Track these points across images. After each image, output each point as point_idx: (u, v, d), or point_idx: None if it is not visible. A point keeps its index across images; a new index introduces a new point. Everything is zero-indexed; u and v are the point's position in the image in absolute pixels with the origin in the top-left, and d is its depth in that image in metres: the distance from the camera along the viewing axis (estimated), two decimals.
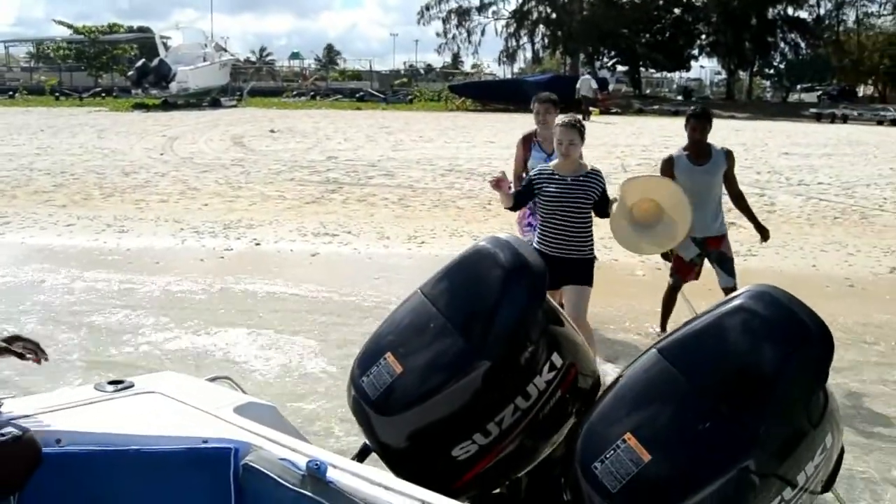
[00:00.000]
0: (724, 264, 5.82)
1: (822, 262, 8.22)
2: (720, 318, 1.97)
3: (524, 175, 5.46)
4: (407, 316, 2.34)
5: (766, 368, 1.89)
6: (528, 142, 5.74)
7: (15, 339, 2.26)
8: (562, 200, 4.53)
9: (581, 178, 4.53)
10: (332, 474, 1.78)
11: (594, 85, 28.24)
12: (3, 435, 1.92)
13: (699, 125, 5.59)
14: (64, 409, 2.09)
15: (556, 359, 2.23)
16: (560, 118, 4.84)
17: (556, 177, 4.53)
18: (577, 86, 27.02)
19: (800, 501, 1.87)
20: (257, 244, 9.40)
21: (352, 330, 5.91)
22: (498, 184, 4.49)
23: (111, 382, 2.33)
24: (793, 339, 1.92)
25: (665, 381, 1.92)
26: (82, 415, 2.07)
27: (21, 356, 2.21)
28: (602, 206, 4.57)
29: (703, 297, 5.34)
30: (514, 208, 4.88)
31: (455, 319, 2.21)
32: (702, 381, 1.89)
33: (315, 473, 1.78)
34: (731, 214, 10.64)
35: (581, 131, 4.69)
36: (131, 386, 2.31)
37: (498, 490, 2.42)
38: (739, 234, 9.77)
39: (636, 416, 1.90)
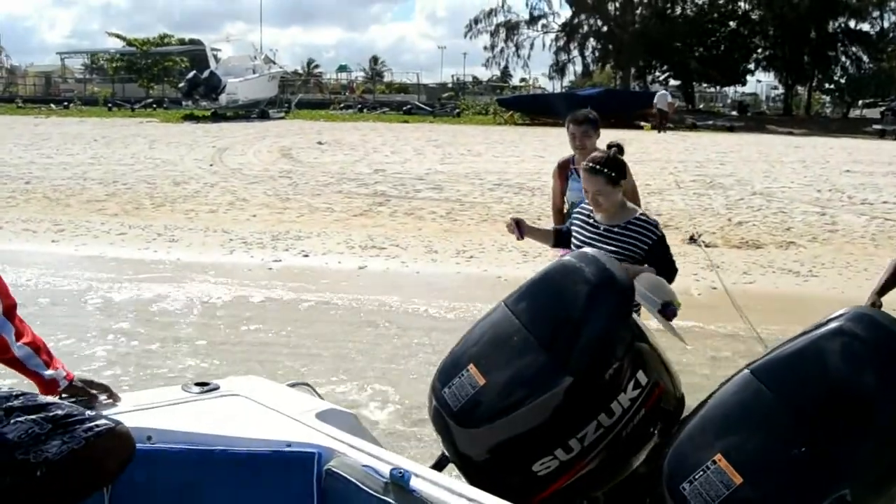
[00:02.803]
0: None
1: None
2: (817, 341, 1.91)
3: (564, 210, 4.78)
4: (490, 328, 2.33)
5: (865, 393, 1.83)
6: (564, 170, 4.81)
7: (89, 383, 2.29)
8: None
9: (617, 230, 3.39)
10: (414, 483, 1.79)
11: (670, 99, 29.96)
12: (97, 426, 1.91)
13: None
14: (153, 407, 2.15)
15: (641, 377, 2.21)
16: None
17: (591, 222, 3.54)
18: (655, 100, 29.08)
19: None
20: (305, 256, 9.37)
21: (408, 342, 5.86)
22: (513, 230, 3.74)
23: (197, 384, 2.38)
24: (894, 363, 1.87)
25: (759, 403, 1.89)
26: (171, 414, 2.13)
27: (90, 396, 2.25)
28: (661, 269, 3.27)
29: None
30: (558, 246, 3.94)
31: (539, 333, 2.20)
32: (797, 405, 1.84)
33: (398, 481, 1.79)
34: (790, 233, 10.40)
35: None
36: (217, 388, 2.36)
37: None
38: (800, 254, 9.50)
39: (727, 438, 1.86)
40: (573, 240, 3.63)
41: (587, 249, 2.55)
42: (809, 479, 1.75)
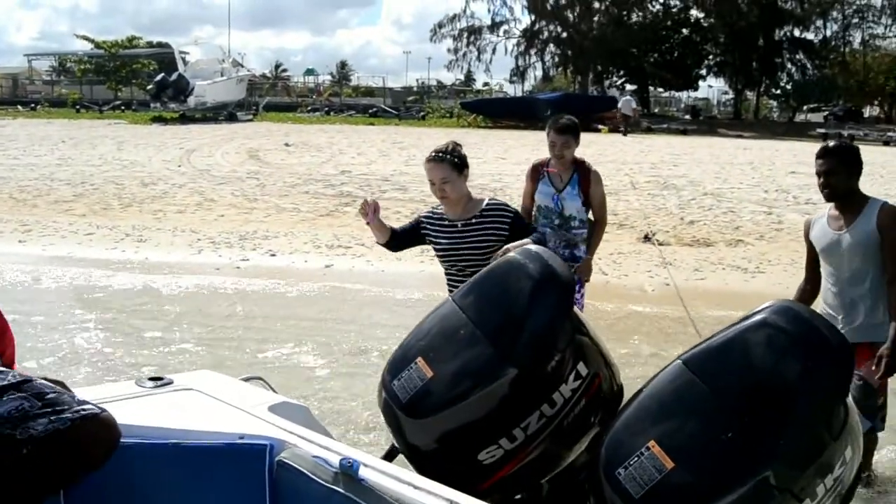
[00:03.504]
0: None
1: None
2: (744, 333, 2.00)
3: (534, 213, 4.73)
4: (438, 323, 2.39)
5: (788, 382, 1.93)
6: (536, 172, 4.74)
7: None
8: (450, 253, 3.65)
9: (475, 221, 3.56)
10: (363, 473, 1.82)
11: (634, 105, 31.54)
12: (84, 410, 1.93)
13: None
14: (106, 402, 2.10)
15: (582, 368, 2.27)
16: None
17: (445, 222, 3.60)
18: (620, 105, 30.67)
19: None
20: (272, 255, 9.64)
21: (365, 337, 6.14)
22: (366, 211, 3.62)
23: (151, 379, 2.39)
24: (815, 353, 1.97)
25: (689, 392, 1.97)
26: (123, 408, 2.08)
27: None
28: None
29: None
30: (392, 248, 3.82)
31: (485, 327, 2.26)
32: (725, 393, 1.93)
33: (347, 471, 1.82)
34: (739, 231, 10.91)
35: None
36: (170, 383, 2.38)
37: (519, 496, 2.47)
38: (748, 251, 10.01)
39: (660, 425, 1.94)
40: (435, 248, 3.59)
41: (531, 246, 2.62)
42: (736, 463, 1.83)
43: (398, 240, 3.76)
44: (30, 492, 1.91)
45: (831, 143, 3.71)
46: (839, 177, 3.54)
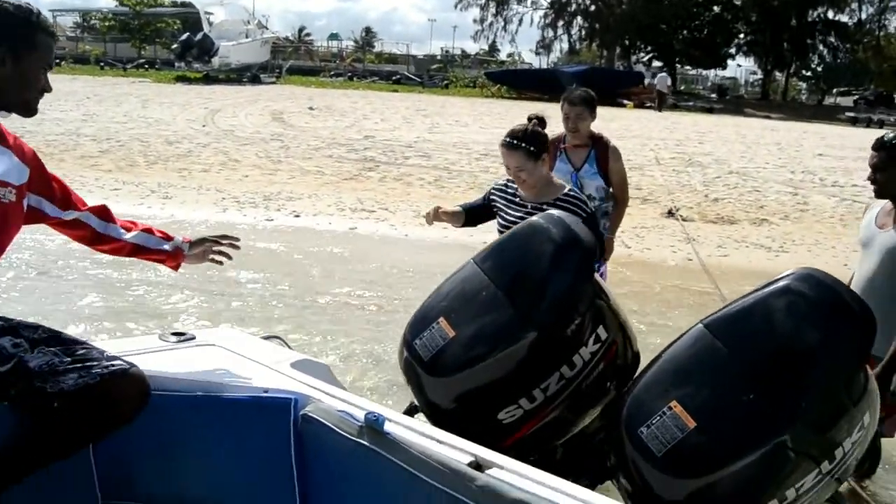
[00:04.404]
0: None
1: (854, 262, 8.07)
2: (766, 298, 2.01)
3: None
4: (460, 284, 2.40)
5: (809, 346, 1.95)
6: (553, 148, 4.31)
7: (201, 241, 2.46)
8: None
9: (546, 207, 3.22)
10: (388, 427, 1.84)
11: (669, 82, 32.98)
12: (113, 366, 1.98)
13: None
14: (131, 355, 2.14)
15: (602, 332, 2.30)
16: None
17: (517, 200, 3.43)
18: (655, 82, 31.92)
19: (837, 475, 1.96)
20: (297, 216, 9.69)
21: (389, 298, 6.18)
22: (432, 220, 3.60)
23: (174, 333, 2.43)
24: (837, 318, 1.98)
25: (711, 355, 1.98)
26: (149, 362, 2.13)
27: (217, 262, 2.48)
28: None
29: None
30: (469, 224, 3.69)
31: (507, 289, 2.28)
32: (747, 357, 1.94)
33: (373, 425, 1.84)
34: (764, 210, 10.85)
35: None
36: (193, 338, 2.42)
37: (534, 457, 2.46)
38: (772, 230, 9.96)
39: (682, 386, 1.96)
40: (500, 220, 3.47)
41: (554, 211, 2.59)
42: (757, 424, 1.86)
43: (472, 217, 3.62)
44: (61, 444, 1.98)
45: (888, 136, 3.31)
46: (887, 173, 3.21)
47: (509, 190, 3.45)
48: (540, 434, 2.29)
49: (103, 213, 2.32)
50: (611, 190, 4.47)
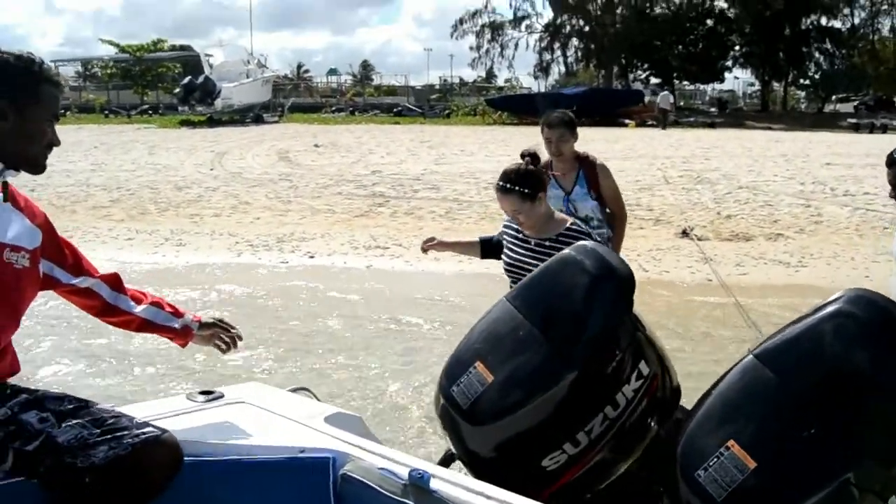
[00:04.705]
0: None
1: (875, 273, 8.12)
2: (818, 323, 1.92)
3: None
4: (493, 324, 2.32)
5: (867, 372, 1.85)
6: None
7: (213, 325, 2.42)
8: (516, 268, 3.38)
9: (549, 244, 3.23)
10: (434, 484, 1.77)
11: (671, 99, 33.54)
12: (144, 434, 1.92)
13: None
14: (160, 418, 2.10)
15: (644, 367, 2.22)
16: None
17: (521, 237, 3.37)
18: (658, 100, 32.40)
19: None
20: (311, 257, 9.69)
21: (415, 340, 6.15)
22: (428, 250, 3.68)
23: (202, 392, 2.37)
24: (893, 340, 1.89)
25: (764, 387, 1.89)
26: (179, 424, 2.09)
27: (220, 349, 2.44)
28: None
29: None
30: (488, 256, 3.74)
31: (543, 327, 2.19)
32: (802, 387, 1.85)
33: (418, 483, 1.78)
34: (778, 225, 10.80)
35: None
36: (221, 396, 2.36)
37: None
38: (788, 245, 9.91)
39: (737, 423, 1.87)
40: (504, 258, 3.45)
41: (586, 242, 2.53)
42: (819, 462, 1.77)
43: (491, 249, 3.63)
44: None
45: None
46: None
47: (514, 225, 3.39)
48: (584, 479, 2.20)
49: (115, 282, 2.25)
50: (607, 210, 4.43)
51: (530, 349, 2.19)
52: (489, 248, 3.63)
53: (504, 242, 3.46)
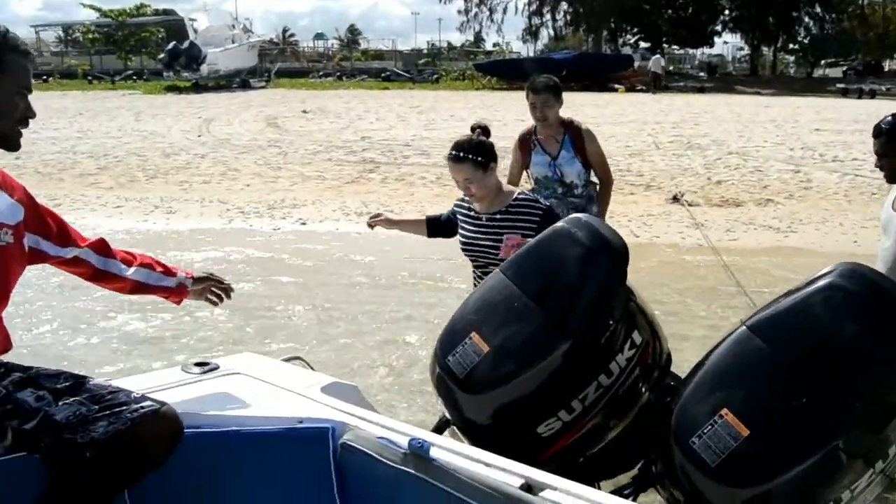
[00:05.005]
0: None
1: (864, 239, 8.11)
2: (810, 296, 1.98)
3: (527, 186, 4.51)
4: (489, 296, 2.34)
5: (858, 343, 1.91)
6: (525, 143, 4.47)
7: (205, 279, 2.44)
8: (471, 246, 3.43)
9: (499, 216, 3.31)
10: (434, 452, 1.79)
11: (663, 63, 33.61)
12: (143, 408, 1.92)
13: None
14: (157, 391, 2.10)
15: (636, 336, 2.25)
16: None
17: (472, 214, 3.41)
18: (650, 64, 32.68)
19: (889, 471, 1.95)
20: (303, 223, 9.66)
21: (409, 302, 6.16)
22: (374, 226, 3.67)
23: (197, 364, 2.38)
24: (885, 311, 1.95)
25: (757, 357, 1.95)
26: (176, 397, 2.09)
27: (212, 302, 2.46)
28: None
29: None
30: (436, 235, 3.67)
31: (538, 298, 2.22)
32: (794, 358, 1.91)
33: (418, 451, 1.80)
34: (768, 191, 10.86)
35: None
36: (217, 367, 2.37)
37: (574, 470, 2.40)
38: (778, 211, 9.97)
39: (731, 392, 1.93)
40: (460, 238, 3.47)
41: (580, 214, 2.53)
42: (810, 429, 1.83)
43: (445, 228, 3.61)
44: (96, 494, 1.91)
45: (884, 121, 3.26)
46: (890, 159, 3.20)
47: (466, 204, 3.42)
48: (577, 445, 2.25)
49: (102, 248, 2.23)
50: (591, 176, 4.45)
51: (525, 320, 2.21)
52: (437, 226, 3.62)
53: (459, 222, 3.48)
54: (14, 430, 1.85)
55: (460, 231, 3.45)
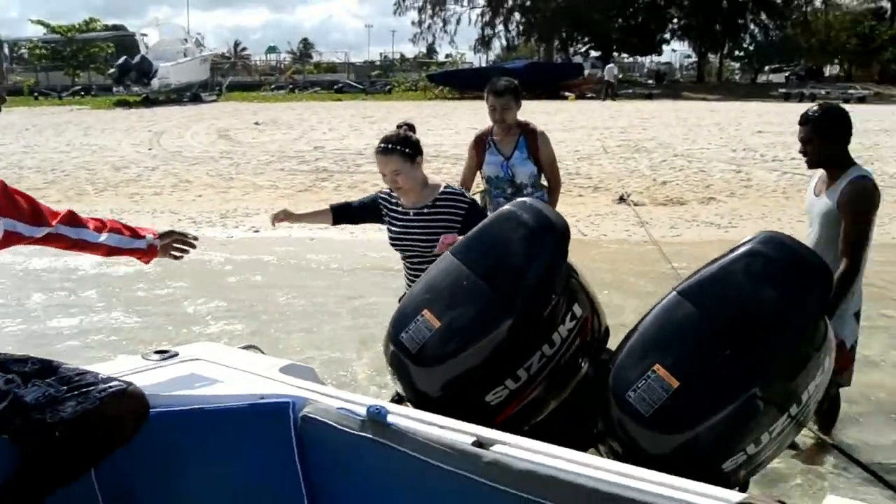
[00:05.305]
0: None
1: (800, 233, 8.24)
2: (733, 261, 2.16)
3: (477, 186, 4.68)
4: (440, 276, 2.46)
5: (776, 301, 2.08)
6: (481, 143, 4.57)
7: (168, 234, 2.57)
8: (400, 240, 3.51)
9: (426, 211, 3.40)
10: (391, 418, 1.89)
11: (616, 72, 34.39)
12: (110, 387, 1.99)
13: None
14: (120, 377, 2.14)
15: (577, 309, 2.39)
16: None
17: (399, 210, 3.49)
18: (604, 73, 33.62)
19: (803, 417, 2.14)
20: (256, 231, 9.69)
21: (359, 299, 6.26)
22: (276, 222, 3.71)
23: (157, 352, 2.45)
24: (799, 275, 2.13)
25: (687, 318, 2.11)
26: (139, 381, 2.14)
27: (175, 257, 2.58)
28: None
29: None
30: (348, 222, 3.88)
31: (486, 276, 2.35)
32: (719, 317, 2.07)
33: (376, 417, 1.89)
34: (710, 190, 11.17)
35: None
36: (176, 354, 2.44)
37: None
38: (720, 208, 10.28)
39: (663, 350, 2.08)
40: (389, 233, 3.51)
41: (526, 198, 2.69)
42: (731, 379, 2.00)
43: (353, 214, 3.69)
44: (65, 471, 1.98)
45: (811, 110, 3.46)
46: (814, 145, 3.40)
47: (392, 199, 3.48)
48: (522, 413, 2.37)
49: (72, 219, 2.31)
50: (542, 180, 4.57)
51: (474, 296, 2.33)
52: (341, 213, 3.67)
53: (384, 219, 3.55)
54: None
55: (389, 226, 3.51)
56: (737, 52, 50.26)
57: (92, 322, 6.03)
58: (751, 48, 48.36)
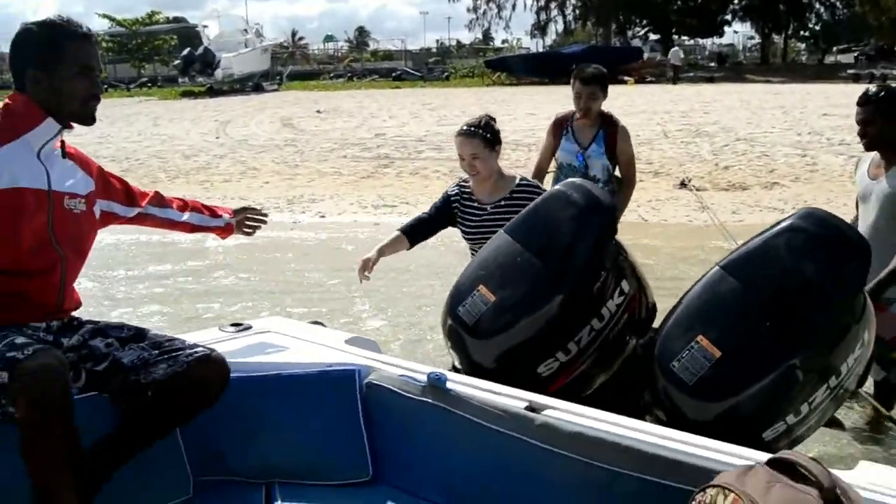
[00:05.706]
0: None
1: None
2: (774, 237, 2.24)
3: (554, 170, 4.51)
4: (494, 253, 2.60)
5: (815, 276, 2.16)
6: (559, 127, 4.42)
7: (242, 210, 2.84)
8: (477, 236, 3.39)
9: (504, 204, 3.33)
10: (450, 384, 2.06)
11: (681, 55, 34.44)
12: (196, 352, 2.16)
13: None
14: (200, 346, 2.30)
15: (625, 285, 2.52)
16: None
17: (475, 205, 3.41)
18: (669, 56, 34.34)
19: (843, 389, 2.22)
20: (322, 216, 9.99)
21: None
22: (368, 272, 3.43)
23: (232, 324, 2.66)
24: (838, 249, 2.21)
25: (729, 292, 2.20)
26: (218, 349, 2.28)
27: (247, 233, 2.87)
28: None
29: None
30: (420, 241, 3.53)
31: (539, 253, 2.48)
32: (761, 290, 2.16)
33: (436, 383, 2.05)
34: (774, 174, 11.06)
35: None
36: (250, 327, 2.64)
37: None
38: (784, 193, 10.19)
39: (706, 322, 2.18)
40: (463, 229, 3.44)
41: (574, 179, 2.76)
42: (772, 350, 2.08)
43: (426, 228, 3.51)
44: (157, 428, 2.20)
45: (872, 90, 3.43)
46: (876, 126, 3.35)
47: (465, 194, 3.43)
48: (572, 385, 2.50)
49: (159, 200, 2.57)
50: (616, 172, 4.43)
51: (527, 271, 2.48)
52: (415, 233, 3.51)
53: (458, 216, 3.46)
54: (88, 371, 2.14)
55: (463, 222, 3.44)
56: (802, 32, 48.80)
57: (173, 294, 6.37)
58: (817, 28, 46.91)
